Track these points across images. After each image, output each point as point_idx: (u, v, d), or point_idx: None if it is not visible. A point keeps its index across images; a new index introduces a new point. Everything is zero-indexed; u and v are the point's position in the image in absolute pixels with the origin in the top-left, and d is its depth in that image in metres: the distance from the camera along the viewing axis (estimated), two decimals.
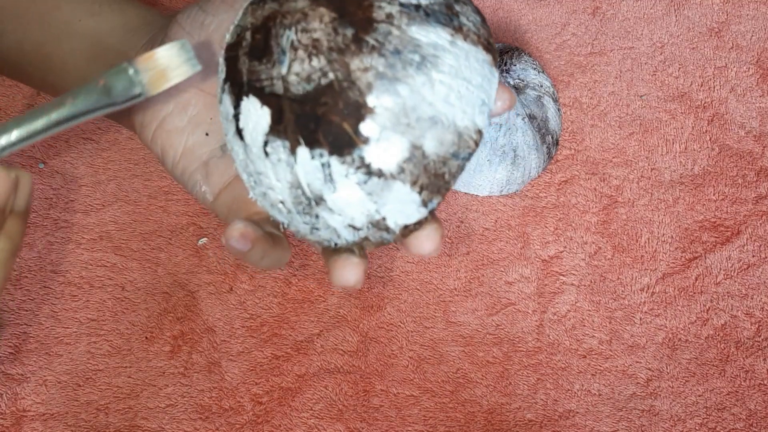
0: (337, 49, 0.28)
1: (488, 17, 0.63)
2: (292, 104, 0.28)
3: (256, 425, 0.49)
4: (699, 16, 0.63)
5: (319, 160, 0.29)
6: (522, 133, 0.54)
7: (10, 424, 0.48)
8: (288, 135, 0.29)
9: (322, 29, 0.28)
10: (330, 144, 0.28)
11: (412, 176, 0.29)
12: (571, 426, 0.49)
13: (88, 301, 0.52)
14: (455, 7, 0.30)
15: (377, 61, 0.28)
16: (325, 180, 0.29)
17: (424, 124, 0.29)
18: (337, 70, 0.28)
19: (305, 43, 0.28)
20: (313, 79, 0.28)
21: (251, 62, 0.29)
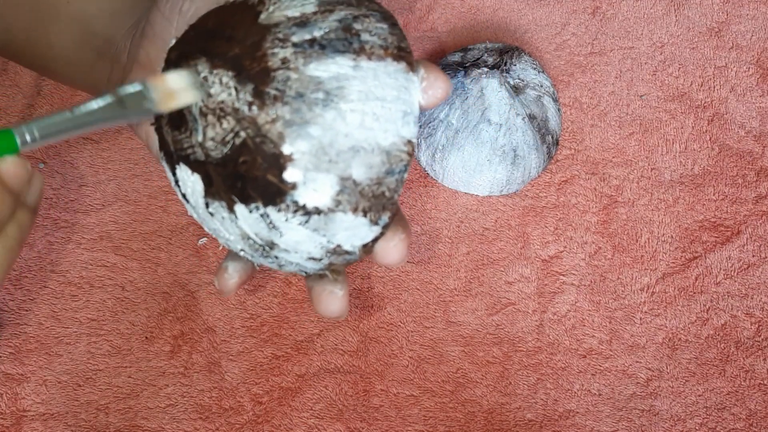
0: (242, 108, 0.28)
1: (488, 17, 0.63)
2: (216, 168, 0.29)
3: (256, 425, 0.49)
4: (699, 16, 0.63)
5: (256, 212, 0.29)
6: (522, 133, 0.54)
7: (10, 424, 0.48)
8: (222, 196, 0.30)
9: (225, 90, 0.28)
10: (261, 197, 0.29)
11: (351, 205, 0.29)
12: (571, 426, 0.49)
13: (88, 301, 0.52)
14: (354, 26, 0.29)
15: (282, 110, 0.28)
16: (269, 228, 0.30)
17: (346, 155, 0.29)
18: (247, 128, 0.28)
19: (212, 107, 0.29)
20: (227, 141, 0.29)
21: (173, 132, 0.30)
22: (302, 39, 0.28)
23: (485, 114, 0.54)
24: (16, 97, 0.59)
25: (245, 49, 0.29)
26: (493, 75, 0.54)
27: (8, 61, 0.61)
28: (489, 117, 0.53)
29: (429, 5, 0.64)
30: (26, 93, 0.59)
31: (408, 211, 0.55)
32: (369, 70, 0.29)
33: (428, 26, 0.63)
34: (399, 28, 0.31)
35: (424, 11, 0.64)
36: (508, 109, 0.54)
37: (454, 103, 0.54)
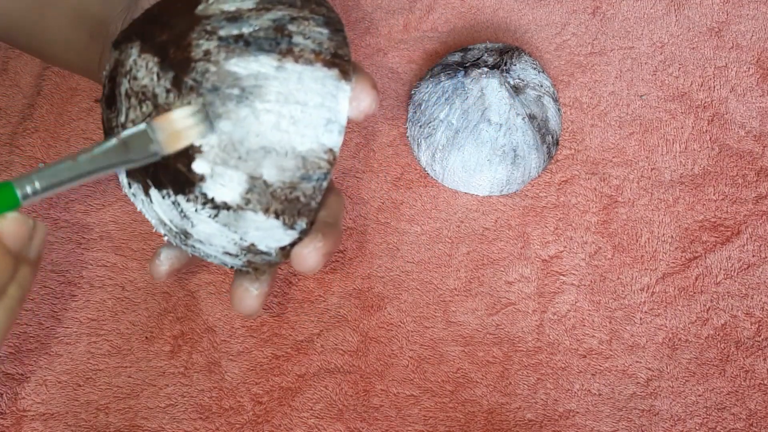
0: (161, 93, 0.29)
1: (488, 17, 0.63)
2: None
3: (256, 425, 0.49)
4: (699, 16, 0.63)
5: (168, 199, 0.30)
6: (522, 133, 0.54)
7: (10, 424, 0.48)
8: (138, 178, 0.30)
9: (149, 75, 0.29)
10: (171, 184, 0.29)
11: (261, 205, 0.29)
12: (571, 426, 0.49)
13: (88, 301, 0.52)
14: (288, 27, 0.29)
15: (196, 100, 0.28)
16: (181, 216, 0.30)
17: (257, 155, 0.29)
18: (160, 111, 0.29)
19: (136, 90, 0.29)
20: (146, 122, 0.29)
21: (106, 110, 0.31)
22: (229, 33, 0.28)
23: (485, 114, 0.54)
24: (16, 97, 0.59)
25: (172, 37, 0.29)
26: (493, 75, 0.54)
27: (8, 61, 0.61)
28: (489, 117, 0.53)
29: (429, 5, 0.64)
30: (26, 93, 0.59)
31: (408, 211, 0.56)
32: (293, 73, 0.29)
33: (428, 26, 0.63)
34: (342, 35, 0.30)
35: (424, 11, 0.64)
36: (508, 109, 0.54)
37: (454, 103, 0.54)
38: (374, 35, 0.63)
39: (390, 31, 0.63)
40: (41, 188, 0.27)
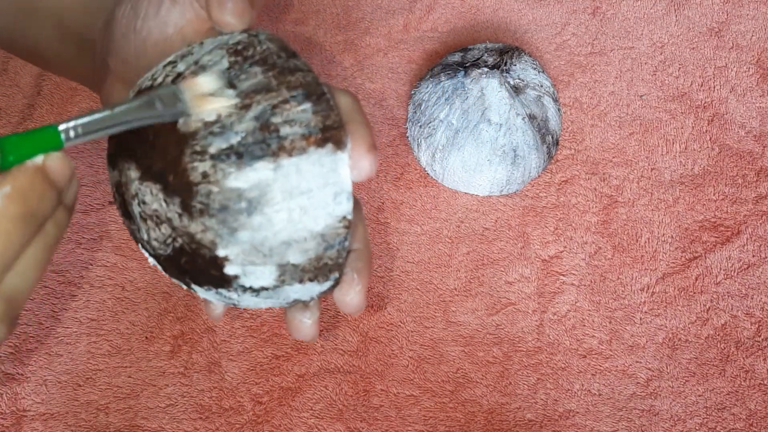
0: (174, 218, 0.29)
1: (488, 17, 0.63)
2: (165, 260, 0.31)
3: (256, 425, 0.49)
4: (699, 16, 0.63)
5: (212, 291, 0.31)
6: (522, 133, 0.54)
7: (10, 424, 0.48)
8: (179, 278, 0.31)
9: (157, 201, 0.29)
10: (213, 284, 0.31)
11: (295, 279, 0.31)
12: (571, 426, 0.49)
13: (88, 301, 0.52)
14: (272, 121, 0.29)
15: (209, 221, 0.29)
16: (228, 299, 0.32)
17: (279, 249, 0.29)
18: (182, 236, 0.29)
19: (149, 213, 0.30)
20: (168, 243, 0.30)
21: (126, 220, 0.32)
22: (219, 149, 0.28)
23: (485, 114, 0.54)
24: (16, 97, 0.59)
25: (167, 165, 0.29)
26: (493, 75, 0.54)
27: (8, 61, 0.61)
28: (489, 117, 0.53)
29: (429, 5, 0.64)
30: (26, 93, 0.59)
31: (408, 211, 0.56)
32: (291, 167, 0.29)
33: (428, 26, 0.63)
34: (325, 100, 0.30)
35: (424, 11, 0.64)
36: (508, 109, 0.54)
37: (454, 103, 0.54)
38: (374, 35, 0.63)
39: (390, 31, 0.63)
40: (82, 132, 0.28)
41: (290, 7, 0.64)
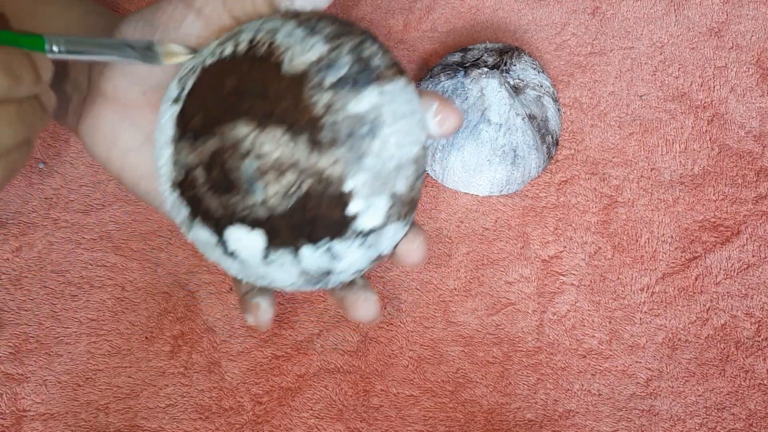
0: (302, 157, 0.30)
1: (488, 17, 0.63)
2: (283, 220, 0.30)
3: (256, 425, 0.49)
4: (699, 16, 0.63)
5: (322, 249, 0.31)
6: (522, 133, 0.54)
7: (10, 424, 0.48)
8: (289, 243, 0.31)
9: (280, 146, 0.30)
10: (330, 234, 0.31)
11: (397, 215, 0.32)
12: (571, 426, 0.49)
13: (88, 301, 0.52)
14: (362, 55, 0.31)
15: (339, 151, 0.30)
16: (331, 259, 0.31)
17: (392, 174, 0.31)
18: (311, 176, 0.30)
19: (269, 165, 0.30)
20: (291, 193, 0.30)
21: (221, 197, 0.31)
22: (333, 80, 0.30)
23: (485, 114, 0.54)
24: None
25: (289, 104, 0.30)
26: (493, 75, 0.54)
27: None
28: (489, 117, 0.54)
29: (429, 5, 0.64)
30: None
31: None
32: (390, 93, 0.31)
33: (428, 26, 0.63)
34: (378, 41, 0.32)
35: (424, 11, 0.64)
36: (508, 109, 0.54)
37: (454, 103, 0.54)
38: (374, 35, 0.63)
39: (390, 31, 0.63)
40: (65, 50, 0.30)
41: None
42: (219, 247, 0.32)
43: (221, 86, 0.31)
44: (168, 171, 0.32)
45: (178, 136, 0.31)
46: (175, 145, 0.31)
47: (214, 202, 0.31)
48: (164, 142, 0.32)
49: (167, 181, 0.32)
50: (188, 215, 0.32)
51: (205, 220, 0.31)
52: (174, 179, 0.32)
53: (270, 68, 0.30)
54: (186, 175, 0.31)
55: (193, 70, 0.32)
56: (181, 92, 0.32)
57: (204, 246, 0.33)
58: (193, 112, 0.31)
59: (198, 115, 0.31)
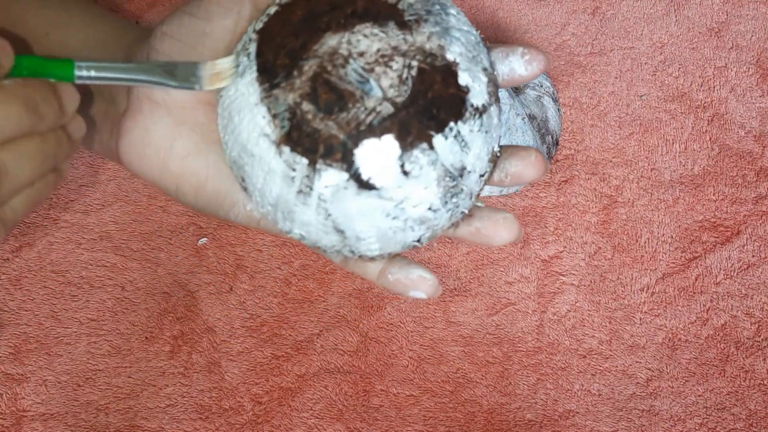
0: (399, 42, 0.30)
1: (488, 17, 0.63)
2: (408, 110, 0.29)
3: (256, 425, 0.49)
4: (699, 16, 0.63)
5: (451, 135, 0.30)
6: (522, 133, 0.54)
7: (10, 424, 0.48)
8: (421, 137, 0.30)
9: (376, 40, 0.30)
10: (453, 115, 0.30)
11: (494, 94, 0.32)
12: (571, 426, 0.49)
13: (88, 301, 0.52)
14: None
15: (427, 27, 0.30)
16: (462, 147, 0.31)
17: (478, 48, 0.32)
18: (415, 56, 0.30)
19: (374, 59, 0.30)
20: (405, 79, 0.30)
21: (338, 116, 0.29)
22: None
23: None
24: None
25: (361, 3, 0.30)
26: None
27: None
28: None
29: None
30: None
31: None
32: None
33: None
34: None
35: None
36: (508, 109, 0.54)
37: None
38: None
39: None
40: (95, 76, 0.30)
41: None
42: (350, 185, 0.30)
43: (288, 25, 0.31)
44: (270, 131, 0.30)
45: (268, 89, 0.30)
46: (268, 99, 0.30)
47: (332, 126, 0.29)
48: (250, 107, 0.31)
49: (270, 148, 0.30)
50: (307, 166, 0.30)
51: (329, 155, 0.29)
52: (279, 135, 0.30)
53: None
54: (292, 119, 0.30)
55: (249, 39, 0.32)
56: (248, 57, 0.31)
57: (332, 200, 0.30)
58: (273, 59, 0.30)
59: (279, 57, 0.30)
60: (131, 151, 0.33)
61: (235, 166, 0.32)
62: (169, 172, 0.33)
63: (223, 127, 0.32)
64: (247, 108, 0.31)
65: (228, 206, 0.33)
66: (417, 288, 0.33)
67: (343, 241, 0.32)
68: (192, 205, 0.34)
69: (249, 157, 0.31)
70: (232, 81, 0.31)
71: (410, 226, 0.31)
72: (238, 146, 0.31)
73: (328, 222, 0.31)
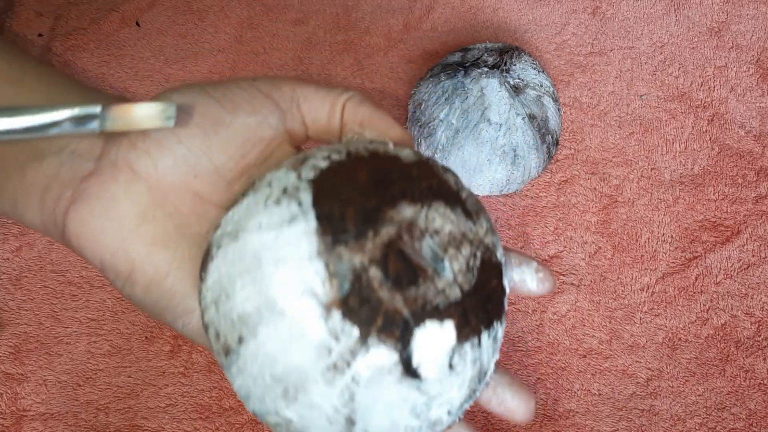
0: (467, 229, 0.29)
1: (488, 17, 0.63)
2: (472, 300, 0.28)
3: (257, 425, 0.49)
4: (699, 16, 0.63)
5: (492, 336, 0.29)
6: (522, 133, 0.54)
7: (10, 424, 0.48)
8: (475, 330, 0.28)
9: (448, 220, 0.28)
10: (497, 314, 0.29)
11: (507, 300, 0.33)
12: (571, 426, 0.49)
13: (88, 301, 0.52)
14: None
15: (483, 222, 0.29)
16: (493, 351, 0.29)
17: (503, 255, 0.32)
18: (479, 246, 0.29)
19: (447, 239, 0.28)
20: (471, 267, 0.28)
21: (406, 290, 0.26)
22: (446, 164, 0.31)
23: (485, 114, 0.54)
24: None
25: (431, 182, 0.29)
26: (493, 75, 0.54)
27: None
28: (489, 117, 0.54)
29: (429, 5, 0.64)
30: None
31: None
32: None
33: (428, 26, 0.63)
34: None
35: (424, 11, 0.64)
36: (508, 109, 0.54)
37: (454, 103, 0.54)
38: (374, 35, 0.63)
39: (390, 31, 0.63)
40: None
41: (290, 7, 0.64)
42: (395, 370, 0.27)
43: (354, 182, 0.28)
44: (321, 292, 0.26)
45: (330, 244, 0.26)
46: (328, 255, 0.26)
47: (397, 300, 0.26)
48: (298, 259, 0.27)
49: (314, 310, 0.26)
50: (358, 338, 0.26)
51: (386, 330, 0.26)
52: (333, 298, 0.26)
53: (392, 158, 0.29)
54: (350, 285, 0.26)
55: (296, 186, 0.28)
56: (298, 204, 0.28)
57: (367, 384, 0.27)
58: (340, 213, 0.27)
59: (349, 213, 0.27)
60: (88, 221, 0.28)
61: (237, 323, 0.28)
62: (125, 254, 0.29)
63: (236, 274, 0.28)
64: (294, 260, 0.26)
65: (179, 312, 0.29)
66: None
67: None
68: (138, 299, 0.29)
69: (275, 315, 0.26)
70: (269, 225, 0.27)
71: (421, 428, 0.28)
72: (261, 300, 0.27)
73: (345, 409, 0.27)
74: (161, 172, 0.29)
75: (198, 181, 0.29)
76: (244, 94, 0.30)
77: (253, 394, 0.28)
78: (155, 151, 0.29)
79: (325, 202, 0.27)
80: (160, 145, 0.29)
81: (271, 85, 0.30)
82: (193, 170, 0.29)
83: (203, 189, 0.29)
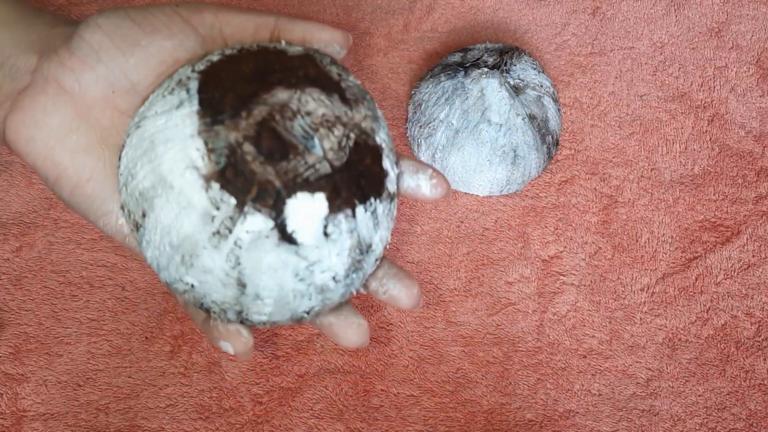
0: (341, 114, 0.32)
1: (488, 17, 0.63)
2: (342, 174, 0.30)
3: (256, 425, 0.49)
4: (699, 16, 0.63)
5: (370, 210, 0.32)
6: (522, 133, 0.54)
7: (10, 424, 0.48)
8: (347, 204, 0.31)
9: (322, 104, 0.31)
10: (374, 192, 0.32)
11: (396, 184, 0.34)
12: (571, 426, 0.49)
13: (88, 301, 0.52)
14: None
15: (363, 109, 0.33)
16: (374, 224, 0.32)
17: (391, 141, 0.34)
18: (353, 129, 0.32)
19: (319, 121, 0.31)
20: (343, 146, 0.31)
21: (278, 164, 0.30)
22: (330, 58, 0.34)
23: (485, 114, 0.54)
24: None
25: (311, 71, 0.32)
26: (493, 75, 0.54)
27: None
28: (489, 117, 0.54)
29: (429, 5, 0.64)
30: None
31: (408, 211, 0.56)
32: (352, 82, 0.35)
33: (428, 26, 0.63)
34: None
35: (424, 11, 0.64)
36: (508, 109, 0.54)
37: (454, 104, 0.54)
38: (374, 35, 0.63)
39: (390, 31, 0.63)
40: None
41: (290, 7, 0.64)
42: (272, 235, 0.30)
43: (238, 72, 0.31)
44: (202, 165, 0.29)
45: (209, 123, 0.30)
46: (207, 133, 0.30)
47: (271, 172, 0.30)
48: (182, 138, 0.30)
49: (196, 182, 0.30)
50: (234, 206, 0.29)
51: (260, 199, 0.29)
52: (212, 171, 0.29)
53: (278, 52, 0.32)
54: (230, 156, 0.29)
55: (188, 76, 0.32)
56: (187, 91, 0.31)
57: (249, 247, 0.30)
58: (220, 97, 0.30)
59: (227, 97, 0.30)
60: (20, 130, 0.32)
61: (139, 199, 0.31)
62: (52, 161, 0.33)
63: (137, 156, 0.31)
64: (179, 139, 0.30)
65: (100, 213, 0.33)
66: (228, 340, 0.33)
67: (238, 298, 0.31)
68: (66, 200, 0.33)
69: (166, 189, 0.30)
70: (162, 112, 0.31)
71: (310, 293, 0.32)
72: (155, 177, 0.30)
73: (234, 272, 0.30)
74: (84, 88, 0.32)
75: (116, 96, 0.32)
76: (164, 18, 0.33)
77: (161, 264, 0.32)
78: (78, 68, 0.32)
79: (209, 89, 0.31)
80: (83, 62, 0.32)
81: (192, 10, 0.33)
82: (111, 86, 0.32)
83: (122, 104, 0.33)
